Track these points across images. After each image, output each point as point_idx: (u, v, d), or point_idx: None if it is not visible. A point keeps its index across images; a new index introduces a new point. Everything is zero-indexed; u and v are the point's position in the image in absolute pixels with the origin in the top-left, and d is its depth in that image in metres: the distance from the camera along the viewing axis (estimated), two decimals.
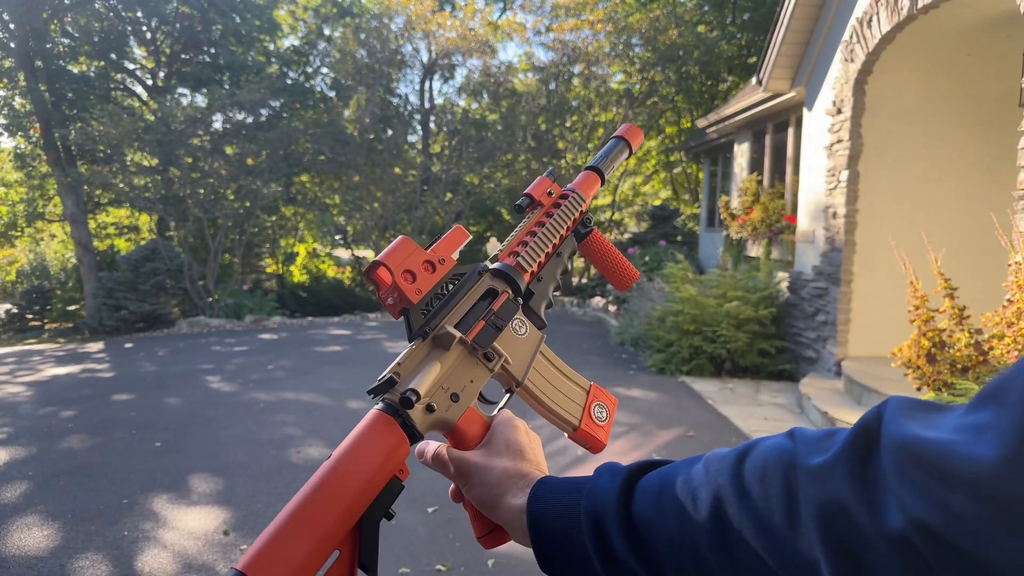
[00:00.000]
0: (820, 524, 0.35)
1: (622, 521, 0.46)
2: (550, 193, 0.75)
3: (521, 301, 0.68)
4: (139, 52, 15.29)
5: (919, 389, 3.94)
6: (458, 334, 0.60)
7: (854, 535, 0.33)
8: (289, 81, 15.53)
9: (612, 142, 0.82)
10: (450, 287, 0.64)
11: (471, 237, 0.70)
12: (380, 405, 0.56)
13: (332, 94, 15.35)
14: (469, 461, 0.57)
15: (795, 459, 0.38)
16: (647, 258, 11.94)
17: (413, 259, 0.61)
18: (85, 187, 13.50)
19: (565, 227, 0.73)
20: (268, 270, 17.43)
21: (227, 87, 14.01)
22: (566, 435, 0.68)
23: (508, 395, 0.66)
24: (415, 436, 0.56)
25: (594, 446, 0.66)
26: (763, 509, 0.38)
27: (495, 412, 0.64)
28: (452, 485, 0.62)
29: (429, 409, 0.57)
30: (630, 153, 0.83)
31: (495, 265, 0.69)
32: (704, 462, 0.44)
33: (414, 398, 0.54)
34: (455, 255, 0.66)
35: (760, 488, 0.39)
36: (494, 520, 0.56)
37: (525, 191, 0.75)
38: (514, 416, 0.63)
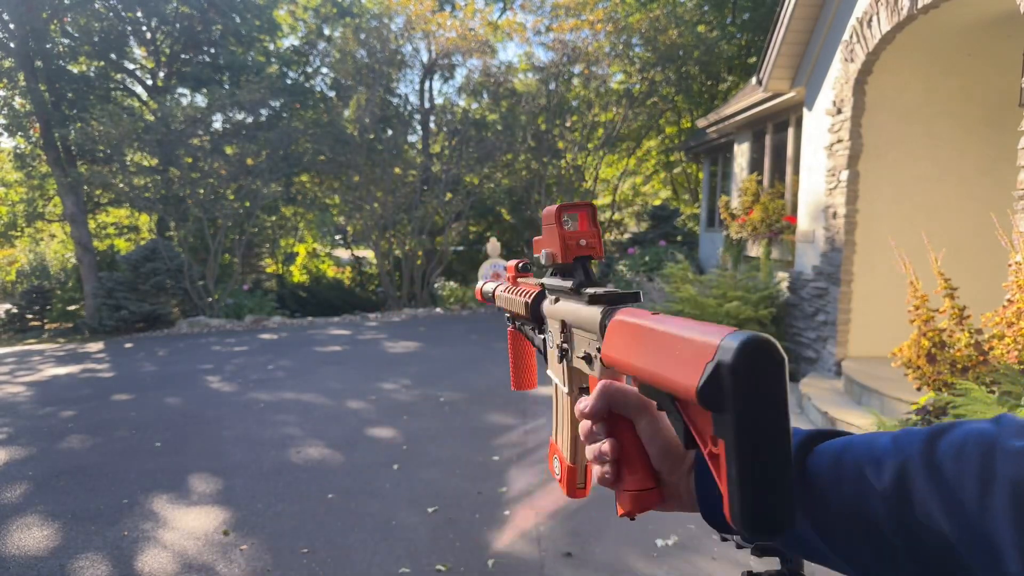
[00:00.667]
0: (1016, 504, 0.35)
1: (797, 479, 0.45)
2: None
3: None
4: (139, 52, 15.29)
5: (919, 389, 3.94)
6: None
7: None
8: (289, 81, 15.53)
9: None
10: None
11: None
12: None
13: (332, 94, 15.35)
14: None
15: (996, 441, 0.38)
16: (647, 258, 11.95)
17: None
18: (85, 187, 13.50)
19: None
20: (268, 270, 17.43)
21: (227, 87, 14.01)
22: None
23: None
24: None
25: None
26: (954, 484, 0.38)
27: None
28: (600, 444, 0.54)
29: None
30: None
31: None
32: (893, 436, 0.44)
33: None
34: None
35: (954, 464, 0.39)
36: (678, 469, 0.53)
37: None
38: None
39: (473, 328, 10.22)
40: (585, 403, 0.55)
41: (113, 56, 14.41)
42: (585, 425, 0.56)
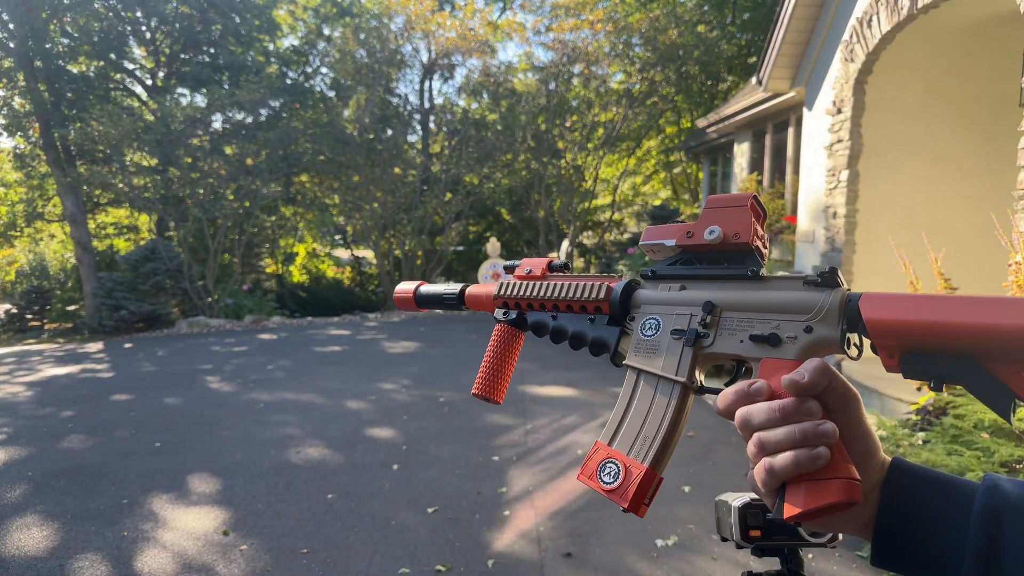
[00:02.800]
0: None
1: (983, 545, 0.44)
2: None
3: None
4: (138, 52, 15.28)
5: (919, 389, 3.93)
6: None
7: None
8: (289, 81, 15.52)
9: None
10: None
11: None
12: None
13: (332, 94, 15.35)
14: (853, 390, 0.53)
15: None
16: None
17: None
18: (84, 187, 13.49)
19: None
20: (268, 270, 17.42)
21: (227, 87, 14.00)
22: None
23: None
24: None
25: None
26: None
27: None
28: (821, 424, 0.48)
29: None
30: None
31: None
32: None
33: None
34: None
35: None
36: (864, 478, 0.50)
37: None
38: None
39: (473, 328, 10.21)
40: (801, 375, 0.49)
41: (113, 56, 14.40)
42: (787, 405, 0.49)
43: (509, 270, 0.80)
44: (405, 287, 0.89)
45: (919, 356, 0.45)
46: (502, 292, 0.78)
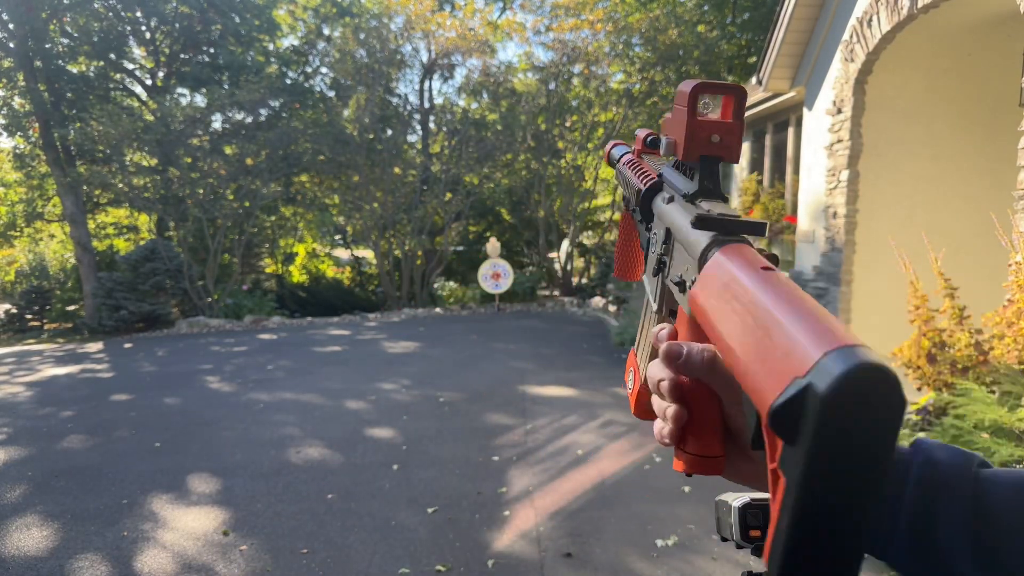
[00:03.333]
0: None
1: (969, 500, 0.43)
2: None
3: None
4: (138, 52, 15.28)
5: (919, 389, 3.93)
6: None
7: None
8: (288, 81, 15.51)
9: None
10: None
11: None
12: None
13: (332, 94, 15.34)
14: None
15: None
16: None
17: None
18: (84, 187, 13.49)
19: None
20: (267, 270, 17.41)
21: (226, 87, 14.00)
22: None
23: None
24: None
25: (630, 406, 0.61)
26: None
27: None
28: (669, 407, 0.47)
29: None
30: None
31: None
32: None
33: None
34: None
35: None
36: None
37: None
38: None
39: (473, 328, 10.21)
40: (667, 344, 0.45)
41: (112, 56, 14.40)
42: (655, 371, 0.47)
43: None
44: (607, 146, 0.79)
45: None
46: (609, 158, 0.75)
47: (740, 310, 0.35)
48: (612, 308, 10.66)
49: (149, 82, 15.21)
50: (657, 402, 0.49)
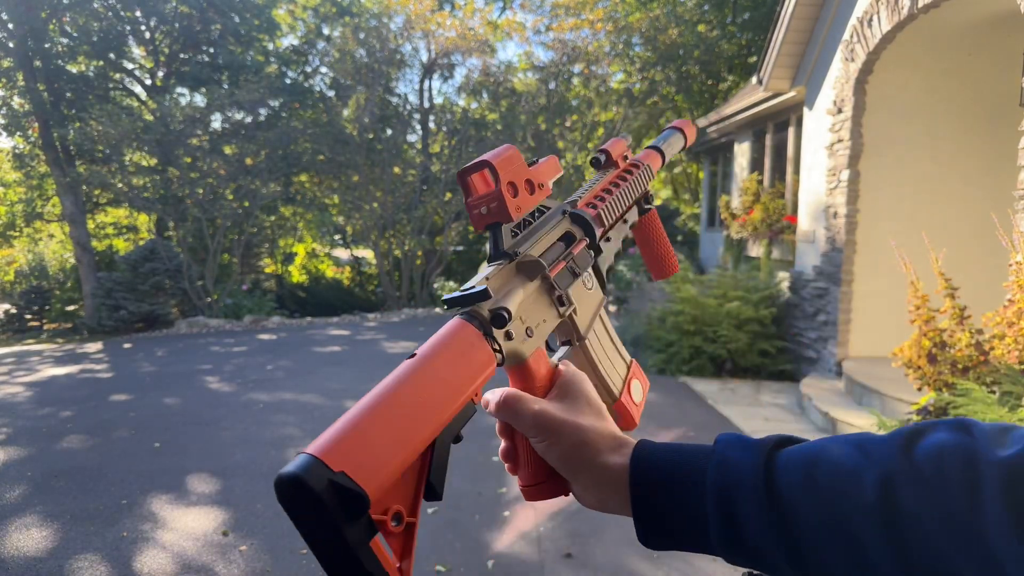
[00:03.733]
0: (1011, 513, 0.36)
1: (764, 496, 0.44)
2: (625, 157, 0.73)
3: (594, 255, 0.64)
4: (138, 52, 15.27)
5: (920, 389, 3.93)
6: (546, 266, 0.55)
7: None
8: (288, 81, 15.51)
9: (669, 130, 0.82)
10: (535, 218, 0.61)
11: (563, 172, 0.66)
12: (466, 318, 0.49)
13: (331, 94, 15.33)
14: (554, 416, 0.52)
15: (976, 449, 0.39)
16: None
17: (520, 173, 0.56)
18: (84, 187, 13.48)
19: (637, 193, 0.71)
20: (267, 270, 17.41)
21: (226, 87, 13.99)
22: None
23: (566, 347, 0.62)
24: (499, 362, 0.50)
25: (627, 423, 0.63)
26: (942, 494, 0.39)
27: (556, 359, 0.59)
28: (503, 444, 0.56)
29: (508, 336, 0.51)
30: (685, 144, 0.83)
31: (575, 210, 0.64)
32: (855, 445, 0.44)
33: (507, 316, 0.49)
34: (550, 184, 0.61)
35: (937, 475, 0.39)
36: (574, 480, 0.52)
37: (602, 147, 0.72)
38: (579, 370, 0.59)
39: None
40: (486, 402, 0.53)
41: (112, 56, 14.39)
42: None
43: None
44: None
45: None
46: None
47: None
48: (612, 308, 10.66)
49: (149, 82, 15.20)
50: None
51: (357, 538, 0.38)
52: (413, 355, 0.45)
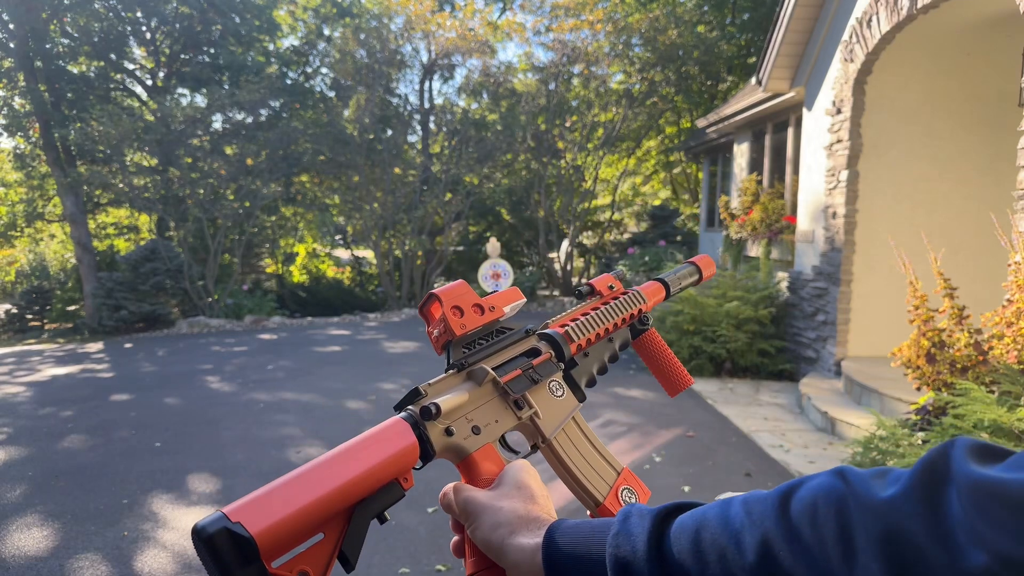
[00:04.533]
0: (885, 559, 0.35)
1: (655, 566, 0.44)
2: (611, 287, 0.81)
3: (563, 366, 0.70)
4: (138, 52, 15.28)
5: (919, 389, 3.94)
6: (492, 372, 0.63)
7: (925, 572, 0.34)
8: (289, 81, 15.52)
9: (685, 264, 0.90)
10: (496, 337, 0.68)
11: (525, 300, 0.74)
12: (403, 414, 0.58)
13: (332, 94, 15.34)
14: (477, 500, 0.56)
15: (848, 496, 0.38)
16: (647, 258, 11.95)
17: (465, 298, 0.66)
18: (85, 187, 13.49)
19: (620, 317, 0.78)
20: (268, 270, 17.42)
21: (227, 87, 14.00)
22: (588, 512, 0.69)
23: (533, 449, 0.68)
24: (427, 451, 0.57)
25: None
26: (816, 549, 0.38)
27: (515, 460, 0.64)
28: (455, 537, 0.60)
29: (448, 432, 0.59)
30: (699, 279, 0.91)
31: (543, 330, 0.72)
32: (742, 504, 0.44)
33: (434, 410, 0.56)
34: (507, 309, 0.69)
35: (811, 528, 0.39)
36: (498, 563, 0.55)
37: (588, 281, 0.81)
38: (528, 463, 0.63)
39: None
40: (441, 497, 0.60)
41: (113, 56, 14.40)
42: None
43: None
44: None
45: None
46: None
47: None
48: None
49: (149, 82, 15.21)
50: None
51: None
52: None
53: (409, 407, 0.58)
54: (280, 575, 0.46)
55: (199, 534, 0.44)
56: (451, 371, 0.63)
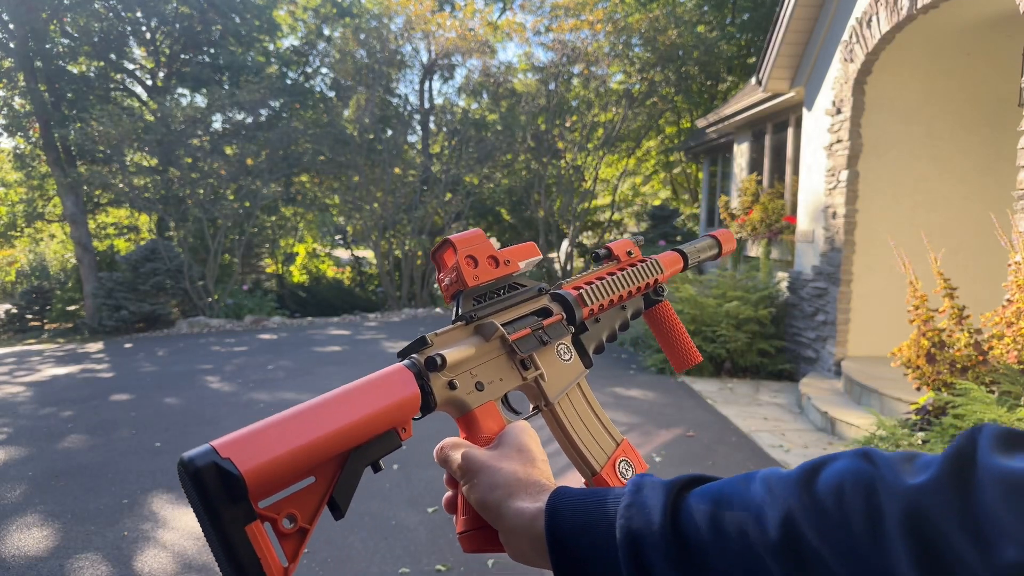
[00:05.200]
0: (914, 546, 0.35)
1: (670, 540, 0.43)
2: (630, 253, 0.79)
3: (573, 329, 0.69)
4: (139, 52, 15.28)
5: (919, 389, 3.94)
6: (501, 328, 0.61)
7: (955, 565, 0.34)
8: (289, 81, 15.52)
9: (704, 236, 0.88)
10: (508, 292, 0.67)
11: (541, 256, 0.72)
12: (406, 362, 0.56)
13: (332, 94, 15.34)
14: (476, 458, 0.55)
15: (877, 480, 0.38)
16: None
17: (480, 248, 0.64)
18: (85, 187, 13.49)
19: (636, 285, 0.76)
20: (268, 270, 17.42)
21: (227, 87, 14.00)
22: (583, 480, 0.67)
23: (534, 411, 0.66)
24: (428, 403, 0.55)
25: None
26: (843, 529, 0.38)
27: (516, 421, 0.62)
28: (447, 492, 0.59)
29: (451, 385, 0.57)
30: (718, 254, 0.88)
31: (556, 290, 0.70)
32: (762, 481, 0.43)
33: (439, 361, 0.55)
34: (522, 264, 0.67)
35: (838, 509, 0.38)
36: (494, 525, 0.53)
37: (607, 244, 0.79)
38: (529, 425, 0.61)
39: None
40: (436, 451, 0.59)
41: (113, 56, 14.40)
42: None
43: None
44: None
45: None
46: None
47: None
48: None
49: (149, 82, 15.21)
50: None
51: (231, 517, 0.42)
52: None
53: (413, 355, 0.56)
54: (267, 516, 0.45)
55: (186, 467, 0.42)
56: (459, 323, 0.61)
